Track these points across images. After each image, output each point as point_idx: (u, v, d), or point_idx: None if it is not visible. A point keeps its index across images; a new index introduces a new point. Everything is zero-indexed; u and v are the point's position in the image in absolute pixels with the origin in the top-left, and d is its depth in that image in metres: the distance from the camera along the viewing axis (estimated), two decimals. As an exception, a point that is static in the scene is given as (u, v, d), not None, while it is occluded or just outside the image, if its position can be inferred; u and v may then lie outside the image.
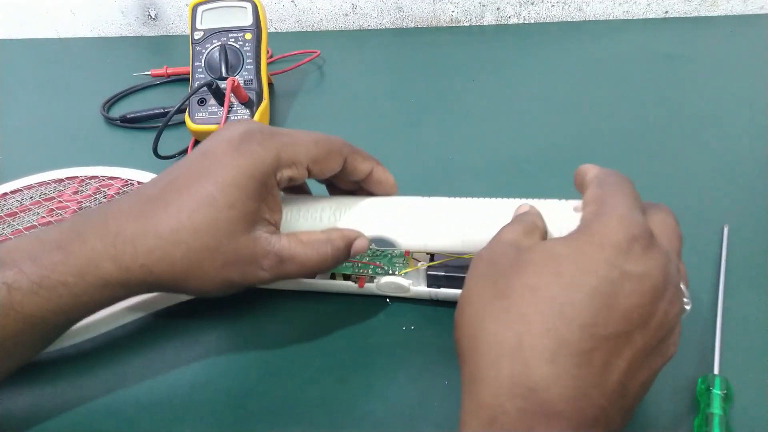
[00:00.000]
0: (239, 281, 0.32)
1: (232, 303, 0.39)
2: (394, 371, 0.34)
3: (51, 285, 0.29)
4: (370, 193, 0.37)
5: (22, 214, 0.46)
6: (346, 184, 0.38)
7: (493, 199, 0.34)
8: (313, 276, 0.34)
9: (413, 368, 0.34)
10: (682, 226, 0.43)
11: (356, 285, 0.38)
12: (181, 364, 0.36)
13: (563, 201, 0.32)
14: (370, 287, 0.37)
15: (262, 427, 0.32)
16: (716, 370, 0.32)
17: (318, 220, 0.35)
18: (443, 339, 0.36)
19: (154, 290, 0.33)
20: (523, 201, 0.33)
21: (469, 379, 0.25)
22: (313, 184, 0.39)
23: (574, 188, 0.31)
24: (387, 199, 0.36)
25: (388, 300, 0.39)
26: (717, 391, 0.30)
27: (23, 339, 0.30)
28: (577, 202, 0.31)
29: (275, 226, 0.33)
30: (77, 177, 0.50)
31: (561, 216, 0.31)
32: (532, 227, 0.29)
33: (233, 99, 0.57)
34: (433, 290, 0.36)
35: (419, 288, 0.37)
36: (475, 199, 0.35)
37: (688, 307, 0.28)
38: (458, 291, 0.36)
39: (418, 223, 0.34)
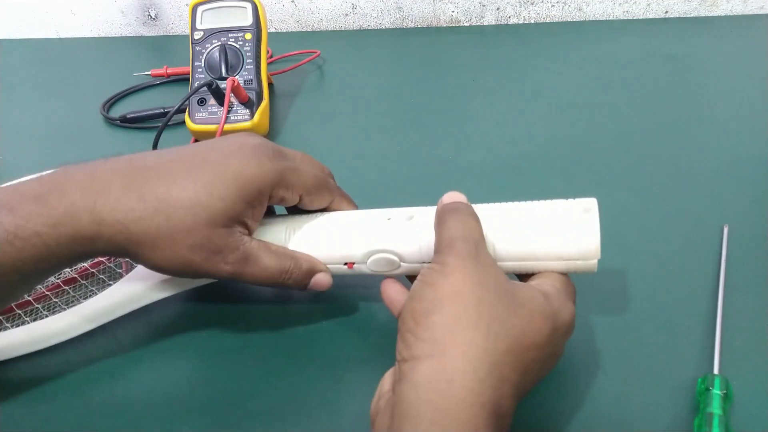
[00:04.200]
0: (200, 267, 0.33)
1: (232, 303, 0.39)
2: (394, 371, 0.34)
3: (26, 236, 0.30)
4: None
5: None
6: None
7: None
8: (269, 285, 0.36)
9: (413, 368, 0.34)
10: (682, 226, 0.43)
11: (346, 267, 0.37)
12: (181, 364, 0.36)
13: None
14: (360, 267, 0.37)
15: (262, 427, 0.32)
16: (716, 370, 0.32)
17: (283, 241, 0.37)
18: (443, 339, 0.36)
19: (117, 254, 0.33)
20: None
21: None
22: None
23: (573, 188, 0.31)
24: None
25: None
26: (717, 391, 0.30)
27: None
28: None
29: (250, 233, 0.35)
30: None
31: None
32: None
33: (233, 99, 0.57)
34: (426, 266, 0.35)
35: (411, 264, 0.35)
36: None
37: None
38: None
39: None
